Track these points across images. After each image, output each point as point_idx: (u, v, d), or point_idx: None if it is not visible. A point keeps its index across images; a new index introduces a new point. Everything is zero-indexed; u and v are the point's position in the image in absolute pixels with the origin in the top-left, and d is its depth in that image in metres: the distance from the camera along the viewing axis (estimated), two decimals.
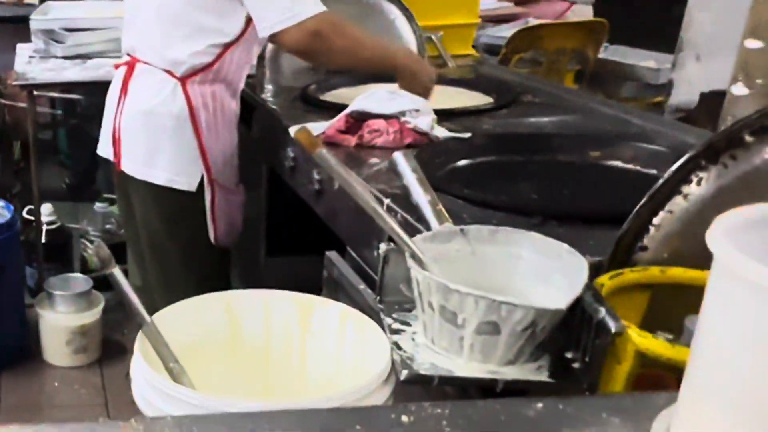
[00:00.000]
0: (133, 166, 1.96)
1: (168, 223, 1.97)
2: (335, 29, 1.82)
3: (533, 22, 3.41)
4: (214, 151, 1.93)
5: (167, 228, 1.97)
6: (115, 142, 1.99)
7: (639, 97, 3.25)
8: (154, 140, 1.92)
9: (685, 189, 0.99)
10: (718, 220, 0.55)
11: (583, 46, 3.27)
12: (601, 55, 3.32)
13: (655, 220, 1.03)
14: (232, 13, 1.84)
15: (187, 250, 1.99)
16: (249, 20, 1.85)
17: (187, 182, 1.92)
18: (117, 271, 1.03)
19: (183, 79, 1.87)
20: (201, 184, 1.93)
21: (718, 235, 0.53)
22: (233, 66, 1.91)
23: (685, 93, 2.66)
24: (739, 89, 1.49)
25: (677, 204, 1.01)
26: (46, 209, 2.97)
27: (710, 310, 0.58)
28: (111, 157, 2.02)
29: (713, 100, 2.16)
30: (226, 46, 1.87)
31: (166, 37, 1.87)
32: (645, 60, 3.27)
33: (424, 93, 1.90)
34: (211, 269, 2.00)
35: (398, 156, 1.16)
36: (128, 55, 1.99)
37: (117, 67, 2.03)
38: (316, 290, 1.22)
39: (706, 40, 2.48)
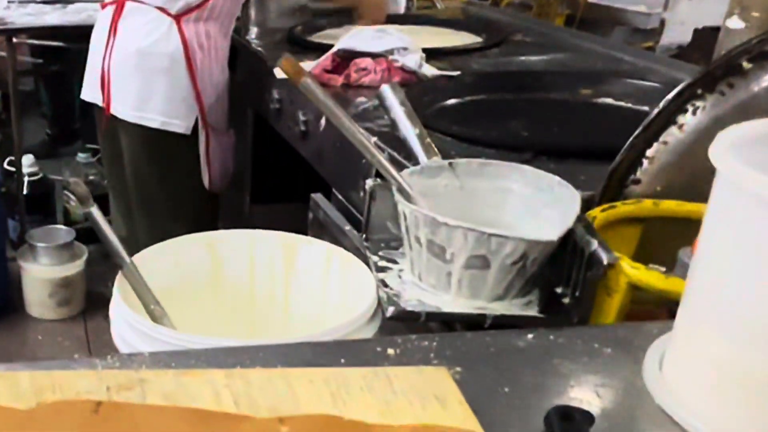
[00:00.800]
0: (124, 109, 1.90)
1: (160, 168, 1.92)
2: None
3: None
4: (209, 92, 1.88)
5: (159, 173, 1.92)
6: (104, 85, 1.92)
7: (629, 41, 3.19)
8: (147, 81, 1.85)
9: (681, 119, 0.96)
10: (720, 136, 0.52)
11: None
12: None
13: (649, 152, 1.00)
14: None
15: (177, 196, 1.95)
16: None
17: (182, 125, 1.87)
18: (95, 210, 0.99)
19: (178, 17, 1.81)
20: (195, 128, 1.88)
21: (721, 150, 0.50)
22: (227, 3, 1.86)
23: (678, 33, 2.61)
24: (735, 23, 1.46)
25: (672, 134, 0.98)
26: (28, 160, 2.91)
27: (712, 227, 0.56)
28: (99, 102, 1.96)
29: (707, 37, 2.12)
30: None
31: None
32: (635, 4, 3.22)
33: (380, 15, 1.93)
34: (201, 216, 1.95)
35: (386, 89, 1.12)
36: None
37: (104, 6, 1.95)
38: (303, 233, 1.19)
39: None
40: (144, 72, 1.85)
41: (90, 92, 1.99)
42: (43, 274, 2.58)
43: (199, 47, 1.84)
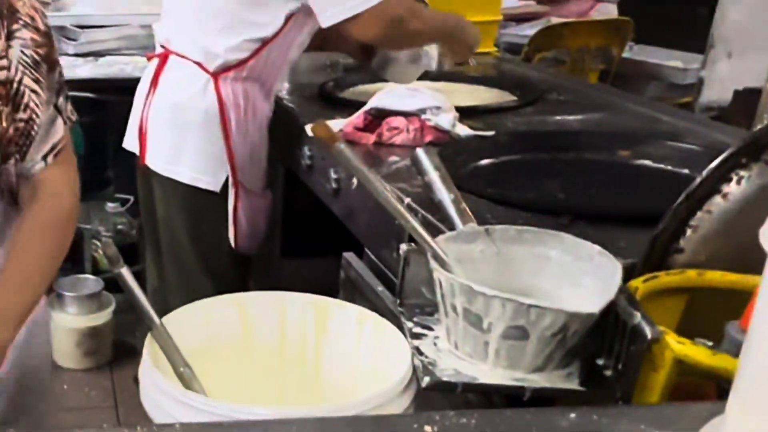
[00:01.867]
0: (157, 161, 1.91)
1: (189, 222, 1.92)
2: (412, 12, 1.78)
3: (556, 20, 3.35)
4: (242, 152, 1.87)
5: (188, 227, 1.92)
6: (142, 136, 1.93)
7: (665, 97, 3.17)
8: (180, 136, 1.86)
9: (725, 188, 0.94)
10: None
11: (607, 45, 3.22)
12: (625, 55, 3.26)
13: (693, 221, 0.97)
14: (275, 6, 1.78)
15: (206, 251, 1.93)
16: (289, 17, 1.79)
17: (211, 182, 1.87)
18: (125, 271, 0.98)
19: (215, 75, 1.82)
20: (226, 185, 1.88)
21: None
22: (269, 65, 1.85)
23: (717, 91, 2.59)
24: None
25: (716, 204, 0.95)
26: None
27: (764, 312, 0.53)
28: (136, 151, 1.97)
29: (748, 98, 2.10)
30: (264, 43, 1.81)
31: (203, 27, 1.81)
32: (671, 59, 3.21)
33: (469, 56, 1.93)
34: (229, 274, 1.94)
35: (420, 152, 1.11)
36: (162, 47, 1.93)
37: (150, 58, 1.97)
38: (333, 293, 1.17)
39: (738, 36, 2.42)
40: (178, 126, 1.86)
41: (130, 141, 2.01)
42: (70, 323, 2.58)
43: (234, 106, 1.84)
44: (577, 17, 3.55)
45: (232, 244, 1.93)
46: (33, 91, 1.10)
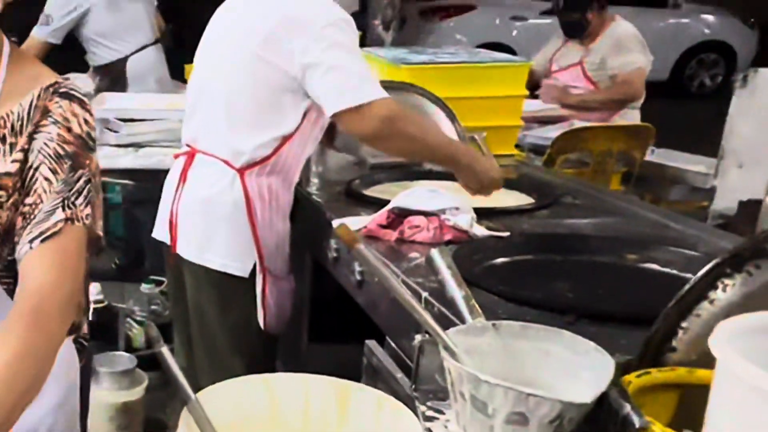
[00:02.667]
0: (188, 249, 2.04)
1: (220, 306, 2.04)
2: (404, 116, 1.90)
3: (579, 124, 3.46)
4: (268, 240, 2.00)
5: (218, 311, 2.03)
6: (172, 227, 2.08)
7: (687, 200, 3.26)
8: (210, 226, 2.00)
9: (712, 294, 1.03)
10: (720, 327, 0.59)
11: (629, 149, 3.30)
12: (648, 158, 3.34)
13: (684, 323, 1.06)
14: (293, 106, 1.94)
15: (236, 333, 2.04)
16: (305, 114, 1.95)
17: (240, 268, 1.99)
18: (165, 350, 1.08)
19: (241, 171, 1.97)
20: (253, 271, 2.00)
21: (721, 340, 0.57)
22: (289, 159, 2.01)
23: (728, 200, 2.68)
24: None
25: (704, 308, 1.04)
26: (95, 289, 3.07)
27: (715, 412, 0.61)
28: (167, 240, 2.11)
29: (752, 208, 2.20)
30: (284, 140, 1.97)
31: (232, 129, 1.97)
32: (694, 164, 3.28)
33: (481, 191, 1.97)
34: (258, 354, 2.04)
35: (434, 253, 1.22)
36: (187, 145, 2.10)
37: (177, 156, 2.14)
38: (356, 378, 1.26)
39: (747, 148, 2.53)
40: (208, 218, 2.00)
41: (160, 231, 2.15)
42: (104, 398, 2.65)
43: (260, 198, 1.98)
44: (601, 122, 3.67)
45: (262, 326, 2.03)
46: (46, 178, 1.14)
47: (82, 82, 3.83)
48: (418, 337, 1.09)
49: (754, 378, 0.54)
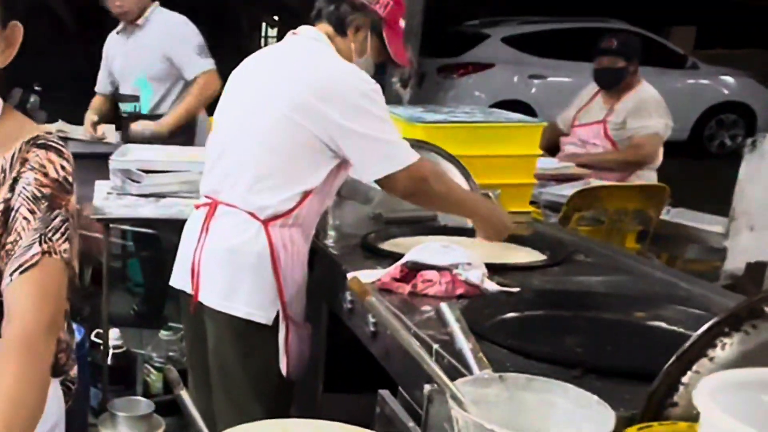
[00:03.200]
0: (212, 298, 2.10)
1: (242, 353, 2.09)
2: (437, 175, 2.12)
3: (595, 182, 3.50)
4: (290, 288, 2.07)
5: (240, 358, 2.08)
6: (194, 275, 2.14)
7: (703, 259, 3.28)
8: (236, 276, 2.06)
9: (711, 352, 1.07)
10: (704, 381, 0.63)
11: (644, 208, 3.34)
12: (663, 217, 3.38)
13: (684, 379, 1.10)
14: (321, 164, 2.03)
15: (257, 380, 2.09)
16: (331, 171, 2.04)
17: (264, 316, 2.05)
18: (184, 393, 1.13)
19: (266, 222, 2.04)
20: (276, 318, 2.06)
21: (704, 394, 0.62)
22: (310, 212, 2.08)
23: (739, 261, 2.72)
24: None
25: (704, 365, 1.08)
26: (114, 334, 3.13)
27: None
28: (187, 289, 2.17)
29: (759, 270, 2.23)
30: (306, 194, 2.04)
31: (258, 185, 2.04)
32: (710, 224, 3.31)
33: (494, 237, 2.18)
34: (277, 400, 2.09)
35: (444, 307, 1.27)
36: (208, 197, 2.16)
37: (198, 207, 2.20)
38: (370, 426, 1.30)
39: (758, 211, 2.57)
40: (233, 267, 2.06)
41: (179, 280, 2.21)
42: None
43: (283, 249, 2.05)
44: (617, 181, 3.72)
45: (284, 372, 2.08)
46: (25, 218, 1.24)
47: (109, 133, 3.94)
48: (427, 387, 1.13)
49: (734, 431, 0.58)
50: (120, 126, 4.00)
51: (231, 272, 2.06)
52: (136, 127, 3.73)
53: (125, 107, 3.90)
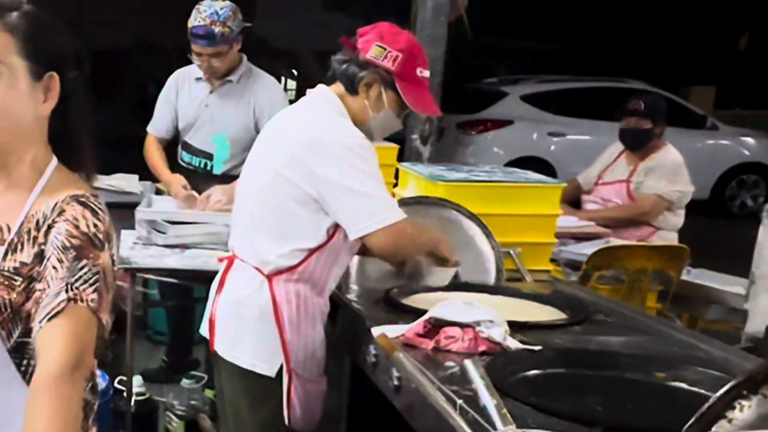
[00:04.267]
0: (222, 347, 2.18)
1: (250, 402, 2.14)
2: (418, 230, 2.16)
3: (615, 241, 3.51)
4: (296, 343, 2.11)
5: (249, 406, 2.14)
6: (211, 326, 2.22)
7: (725, 320, 3.28)
8: (240, 327, 2.13)
9: (729, 414, 1.10)
10: None
11: (664, 268, 3.32)
12: (684, 278, 3.37)
13: None
14: (314, 221, 2.07)
15: (267, 428, 2.14)
16: (336, 228, 2.08)
17: (267, 368, 2.10)
18: None
19: (270, 276, 2.10)
20: (280, 371, 2.10)
21: None
22: (318, 268, 2.12)
23: (759, 323, 2.72)
24: None
25: (723, 427, 1.11)
26: (137, 381, 3.16)
27: None
28: (208, 337, 2.25)
29: None
30: (311, 251, 2.09)
31: (257, 240, 2.12)
32: (731, 285, 3.31)
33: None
34: None
35: (468, 364, 1.30)
36: (231, 251, 2.25)
37: (221, 260, 2.28)
38: None
39: None
40: (239, 319, 2.14)
41: (204, 329, 2.29)
42: None
43: (287, 303, 2.09)
44: (637, 240, 3.74)
45: (287, 425, 2.12)
46: (54, 267, 1.29)
47: (126, 182, 3.97)
48: None
49: None
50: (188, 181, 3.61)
51: (237, 323, 2.14)
52: (211, 199, 3.28)
53: (192, 160, 3.61)
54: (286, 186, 2.05)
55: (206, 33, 3.29)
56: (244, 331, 2.12)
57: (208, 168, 3.56)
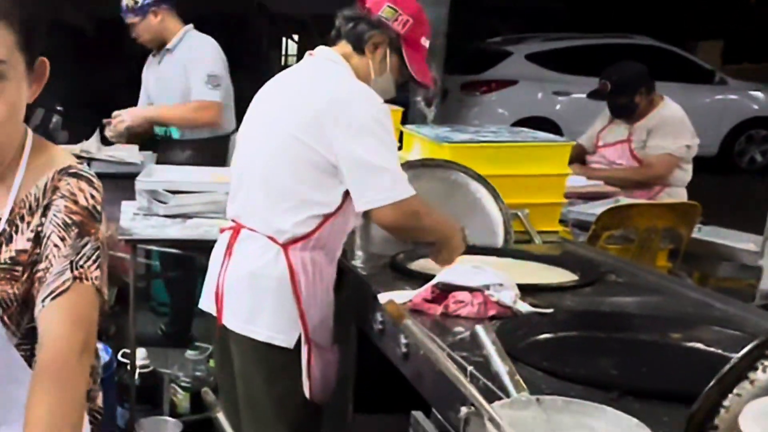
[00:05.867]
0: (234, 321, 2.11)
1: (266, 376, 2.08)
2: (426, 210, 2.05)
3: (624, 200, 3.46)
4: (312, 312, 2.06)
5: (264, 381, 2.08)
6: (218, 299, 2.15)
7: (736, 277, 3.23)
8: (256, 300, 2.06)
9: (752, 375, 1.05)
10: (750, 406, 0.62)
11: (675, 226, 3.28)
12: (695, 235, 3.32)
13: (725, 402, 1.08)
14: (332, 187, 2.02)
15: (282, 403, 2.09)
16: (347, 193, 2.03)
17: (285, 340, 2.05)
18: (221, 416, 1.13)
19: (285, 246, 2.03)
20: (298, 342, 2.05)
21: (748, 419, 0.61)
22: (332, 234, 2.08)
23: None
24: None
25: (745, 388, 1.06)
26: (141, 353, 3.14)
27: None
28: (213, 312, 2.18)
29: None
30: (326, 217, 2.04)
31: (272, 208, 2.05)
32: (743, 241, 3.26)
33: (447, 261, 2.10)
34: (304, 423, 2.08)
35: (479, 329, 1.26)
36: (233, 220, 2.17)
37: (223, 230, 2.21)
38: None
39: None
40: (254, 291, 2.07)
41: (207, 302, 2.22)
42: None
43: (304, 272, 2.04)
44: (646, 198, 3.69)
45: (307, 396, 2.07)
46: (56, 245, 1.25)
47: (126, 152, 3.93)
48: (464, 410, 1.12)
49: None
50: (152, 148, 4.01)
51: (252, 296, 2.07)
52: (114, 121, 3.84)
53: (158, 130, 3.93)
54: (304, 150, 1.99)
55: (121, 7, 3.83)
56: (260, 303, 2.05)
57: (168, 134, 3.88)
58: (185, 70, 3.77)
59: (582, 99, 8.75)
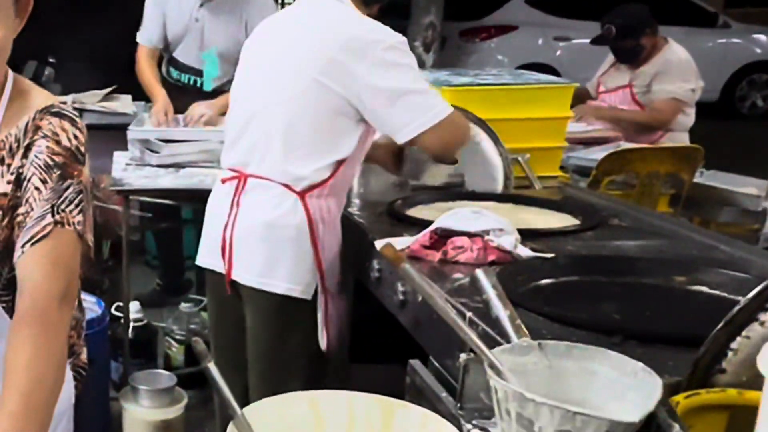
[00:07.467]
0: (249, 276, 2.03)
1: (280, 330, 2.03)
2: (463, 119, 2.09)
3: (625, 145, 3.42)
4: (328, 260, 2.02)
5: (278, 336, 2.03)
6: (225, 253, 2.05)
7: (738, 222, 3.20)
8: (273, 251, 1.99)
9: (762, 317, 1.02)
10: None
11: (677, 171, 3.24)
12: (697, 180, 3.29)
13: (733, 345, 1.05)
14: (349, 130, 1.97)
15: (295, 357, 2.05)
16: (360, 138, 1.98)
17: (304, 291, 2.00)
18: (212, 366, 1.10)
19: (302, 194, 1.97)
20: (315, 294, 2.01)
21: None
22: (345, 180, 2.04)
23: None
24: None
25: (755, 330, 1.03)
26: (134, 307, 3.11)
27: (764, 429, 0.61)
28: (218, 268, 2.09)
29: None
30: (340, 163, 1.98)
31: (290, 155, 1.97)
32: (745, 186, 3.23)
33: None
34: (313, 376, 2.03)
35: (479, 273, 1.22)
36: (233, 170, 2.07)
37: (224, 181, 2.10)
38: (399, 397, 1.26)
39: None
40: (270, 242, 1.99)
41: (207, 258, 2.13)
42: (143, 415, 2.68)
43: (321, 220, 1.99)
44: (648, 143, 3.64)
45: (323, 347, 2.04)
46: (36, 188, 1.21)
47: (119, 102, 3.85)
48: (463, 356, 1.09)
49: None
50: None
51: (269, 248, 1.99)
52: (196, 110, 3.23)
53: (180, 77, 3.53)
54: (324, 95, 1.93)
55: None
56: (277, 255, 1.98)
57: (198, 85, 3.48)
58: (246, 20, 3.29)
59: (583, 44, 8.67)
